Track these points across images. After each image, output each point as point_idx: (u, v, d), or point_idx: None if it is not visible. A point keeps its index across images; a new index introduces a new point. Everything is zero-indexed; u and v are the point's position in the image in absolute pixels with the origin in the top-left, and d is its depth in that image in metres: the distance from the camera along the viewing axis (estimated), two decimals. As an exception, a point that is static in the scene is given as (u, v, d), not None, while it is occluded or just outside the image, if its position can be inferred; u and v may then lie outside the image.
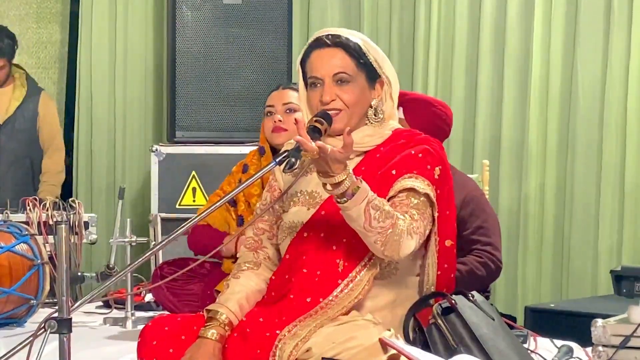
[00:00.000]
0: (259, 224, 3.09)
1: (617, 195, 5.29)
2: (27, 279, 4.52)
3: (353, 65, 2.96)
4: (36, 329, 2.47)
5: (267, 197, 3.12)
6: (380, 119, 3.02)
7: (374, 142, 3.01)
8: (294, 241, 2.97)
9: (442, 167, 2.99)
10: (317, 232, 2.94)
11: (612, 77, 5.28)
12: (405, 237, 2.81)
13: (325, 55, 2.97)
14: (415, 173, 2.92)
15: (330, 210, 2.93)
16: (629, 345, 3.35)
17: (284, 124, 3.98)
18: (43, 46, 6.34)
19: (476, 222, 3.94)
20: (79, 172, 6.28)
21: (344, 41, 2.97)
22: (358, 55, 2.97)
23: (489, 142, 5.62)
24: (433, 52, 5.78)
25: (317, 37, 3.00)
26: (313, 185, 3.01)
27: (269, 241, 3.07)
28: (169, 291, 4.15)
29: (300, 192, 3.03)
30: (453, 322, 2.93)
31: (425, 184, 2.92)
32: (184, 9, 5.66)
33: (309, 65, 3.00)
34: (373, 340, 2.70)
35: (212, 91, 5.68)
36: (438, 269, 3.03)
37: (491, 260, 3.88)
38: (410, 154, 2.95)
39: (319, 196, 2.99)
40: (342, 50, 2.96)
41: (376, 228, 2.76)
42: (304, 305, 2.86)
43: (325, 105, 2.94)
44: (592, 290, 5.29)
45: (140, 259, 2.71)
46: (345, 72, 2.95)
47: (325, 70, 2.95)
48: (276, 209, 3.08)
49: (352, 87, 2.96)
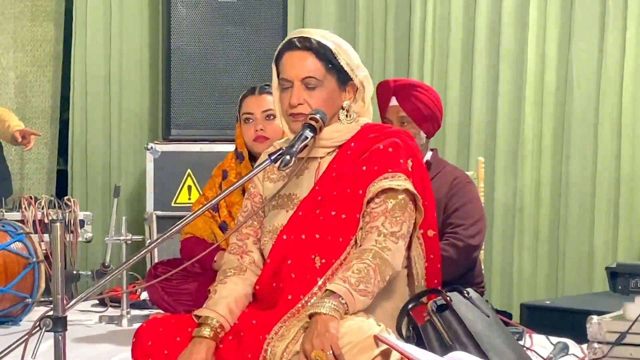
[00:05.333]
0: (243, 230, 3.10)
1: (612, 191, 5.29)
2: (22, 278, 4.52)
3: (322, 69, 3.00)
4: (31, 327, 2.47)
5: (247, 204, 3.14)
6: (352, 119, 3.05)
7: (343, 137, 3.04)
8: (275, 245, 2.99)
9: (413, 159, 3.02)
10: (297, 234, 2.96)
11: (607, 72, 5.28)
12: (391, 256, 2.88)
13: (295, 58, 3.00)
14: (390, 172, 2.95)
15: (307, 209, 2.97)
16: (625, 341, 3.35)
17: (265, 132, 3.97)
18: (38, 44, 6.33)
19: (454, 205, 3.95)
20: (75, 170, 6.27)
21: (314, 45, 3.00)
22: (328, 59, 3.00)
23: (484, 139, 5.62)
24: (428, 50, 5.77)
25: (290, 39, 3.04)
26: (290, 188, 3.04)
27: (254, 245, 3.08)
28: (164, 290, 4.14)
29: (278, 196, 3.05)
30: (448, 319, 2.94)
31: (402, 179, 2.95)
32: (179, 7, 5.65)
33: (281, 67, 3.04)
34: (364, 336, 2.71)
35: (207, 89, 5.67)
36: (425, 260, 3.07)
37: (457, 239, 3.87)
38: (379, 149, 2.97)
39: (297, 197, 3.02)
40: (311, 54, 3.00)
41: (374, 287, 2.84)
42: (286, 303, 2.88)
43: (292, 109, 2.99)
44: (588, 287, 5.29)
45: (136, 257, 2.72)
46: (313, 77, 2.99)
47: (294, 74, 2.99)
48: (259, 215, 3.11)
49: (319, 92, 3.00)
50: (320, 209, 2.96)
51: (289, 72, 3.00)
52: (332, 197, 2.96)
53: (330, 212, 2.95)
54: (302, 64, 2.99)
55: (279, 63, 3.04)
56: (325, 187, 2.99)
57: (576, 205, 5.38)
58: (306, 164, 3.04)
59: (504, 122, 5.55)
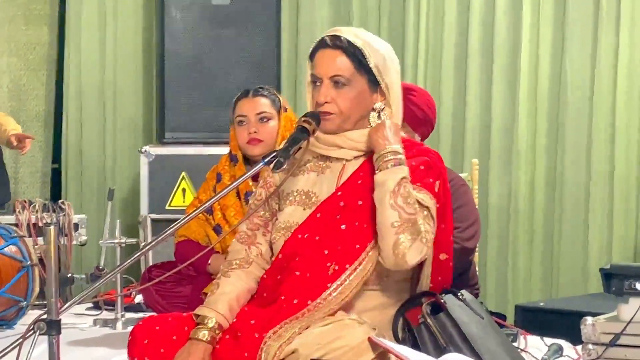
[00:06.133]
0: (254, 219, 3.08)
1: (606, 192, 5.30)
2: (16, 281, 4.51)
3: (351, 68, 2.98)
4: (25, 330, 2.46)
5: (261, 192, 3.11)
6: None
7: None
8: (287, 242, 2.97)
9: (441, 181, 3.01)
10: (311, 234, 2.94)
11: (601, 74, 5.29)
12: (418, 241, 2.85)
13: (326, 56, 3.00)
14: (419, 185, 2.94)
15: (326, 212, 2.95)
16: (619, 343, 3.36)
17: (259, 134, 3.97)
18: (32, 48, 6.32)
19: None
20: (69, 173, 6.26)
21: (344, 44, 2.98)
22: (358, 59, 2.98)
23: (478, 141, 5.62)
24: (422, 52, 5.78)
25: (323, 37, 3.04)
26: (310, 185, 3.02)
27: (264, 237, 3.06)
28: (158, 294, 4.14)
29: (296, 192, 3.03)
30: (442, 321, 2.94)
31: (429, 197, 2.95)
32: (172, 10, 5.64)
33: (313, 64, 3.03)
34: (359, 340, 2.70)
35: (201, 92, 5.67)
36: (431, 281, 3.04)
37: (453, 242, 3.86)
38: (411, 165, 2.96)
39: (315, 196, 3.00)
40: (342, 52, 2.98)
41: (403, 208, 2.83)
42: (291, 307, 2.86)
43: (319, 106, 2.97)
44: (582, 288, 5.29)
45: (130, 260, 2.72)
46: (341, 75, 2.97)
47: (324, 71, 2.99)
48: (272, 206, 3.08)
49: (348, 90, 2.98)
50: (342, 216, 2.94)
51: (319, 69, 3.00)
52: (356, 207, 2.94)
53: (354, 223, 2.93)
54: (331, 62, 2.98)
55: (312, 60, 3.03)
56: (349, 195, 2.96)
57: (570, 207, 5.39)
58: (329, 164, 3.02)
59: (498, 124, 5.55)
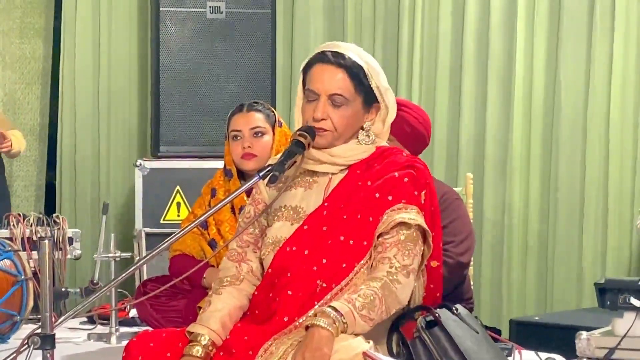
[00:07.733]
0: (244, 237, 3.08)
1: (600, 206, 5.31)
2: (10, 295, 4.49)
3: (352, 89, 2.96)
4: (19, 345, 2.46)
5: (250, 210, 3.11)
6: (371, 141, 3.03)
7: (357, 156, 3.02)
8: (277, 255, 2.97)
9: (427, 191, 2.99)
10: (300, 248, 2.94)
11: (595, 87, 5.31)
12: (400, 290, 2.85)
13: (326, 72, 2.96)
14: (403, 203, 2.92)
15: (314, 225, 2.95)
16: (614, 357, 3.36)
17: (253, 149, 3.97)
18: (27, 61, 6.32)
19: (443, 222, 3.93)
20: (63, 187, 6.26)
21: (348, 63, 2.96)
22: (359, 79, 2.96)
23: (472, 155, 5.63)
24: (417, 65, 5.79)
25: (323, 51, 2.99)
26: (297, 200, 3.01)
27: (254, 254, 3.06)
28: (153, 308, 4.13)
29: (284, 207, 3.03)
30: (437, 335, 2.93)
31: (415, 212, 2.93)
32: (167, 24, 5.65)
33: (310, 77, 2.99)
34: (353, 353, 2.70)
35: (196, 105, 5.67)
36: (425, 290, 3.05)
37: (448, 257, 3.86)
38: (394, 178, 2.95)
39: (303, 211, 2.99)
40: (344, 71, 2.95)
41: (376, 316, 2.80)
42: (281, 324, 2.87)
43: (315, 122, 2.95)
44: (577, 302, 5.30)
45: (124, 274, 2.72)
46: (341, 95, 2.95)
47: (323, 88, 2.95)
48: (261, 222, 3.08)
49: (345, 110, 2.96)
50: (328, 229, 2.93)
51: (317, 85, 2.96)
52: (341, 222, 2.93)
53: (339, 237, 2.92)
54: (332, 80, 2.95)
55: (308, 73, 2.99)
56: (335, 207, 2.96)
57: (565, 220, 5.40)
58: (316, 178, 3.02)
59: (493, 138, 5.57)
